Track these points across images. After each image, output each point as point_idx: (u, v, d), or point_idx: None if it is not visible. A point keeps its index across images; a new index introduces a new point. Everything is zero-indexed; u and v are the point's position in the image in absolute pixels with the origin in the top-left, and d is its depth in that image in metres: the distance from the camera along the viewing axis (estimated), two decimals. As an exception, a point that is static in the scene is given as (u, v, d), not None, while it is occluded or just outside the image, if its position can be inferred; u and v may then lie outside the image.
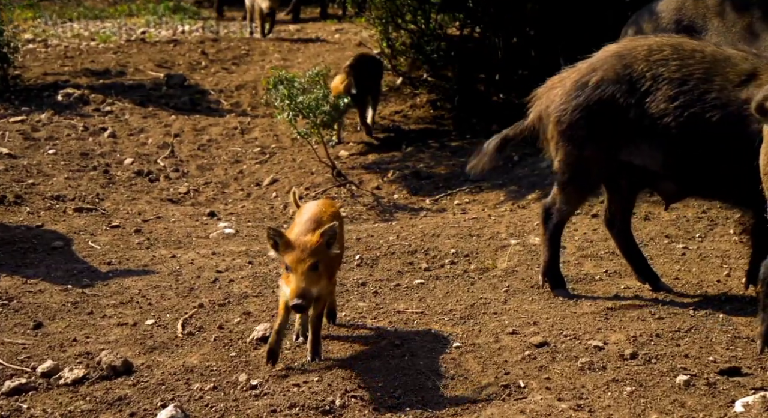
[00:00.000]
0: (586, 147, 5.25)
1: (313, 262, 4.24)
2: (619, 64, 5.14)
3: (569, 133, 5.29)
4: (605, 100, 5.13)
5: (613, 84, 5.13)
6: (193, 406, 4.13)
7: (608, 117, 5.15)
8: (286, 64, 11.33)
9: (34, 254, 6.20)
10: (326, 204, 4.83)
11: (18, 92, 10.03)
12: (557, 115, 5.32)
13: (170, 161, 8.69)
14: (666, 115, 5.01)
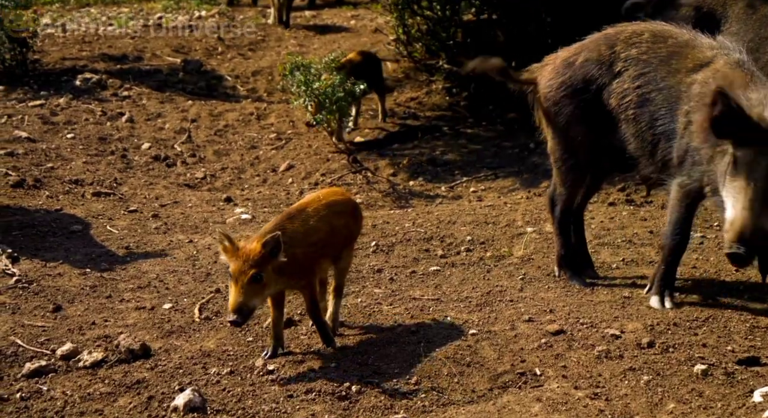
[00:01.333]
0: (571, 126, 5.29)
1: (253, 274, 4.16)
2: (604, 45, 5.20)
3: (555, 111, 5.34)
4: (588, 79, 5.20)
5: (595, 63, 5.19)
6: (210, 390, 4.16)
7: (590, 96, 5.19)
8: (302, 50, 11.32)
9: (53, 237, 6.24)
10: (327, 193, 4.79)
11: (37, 77, 10.06)
12: (545, 92, 5.39)
13: (187, 146, 8.71)
14: (627, 94, 5.06)
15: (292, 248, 4.31)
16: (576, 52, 5.32)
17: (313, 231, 4.48)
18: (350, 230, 4.75)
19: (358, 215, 4.86)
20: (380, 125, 9.34)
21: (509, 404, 4.00)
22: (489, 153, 8.64)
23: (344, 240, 4.70)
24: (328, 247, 4.57)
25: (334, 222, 4.59)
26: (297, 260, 4.34)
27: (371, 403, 4.04)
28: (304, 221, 4.49)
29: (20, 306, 5.06)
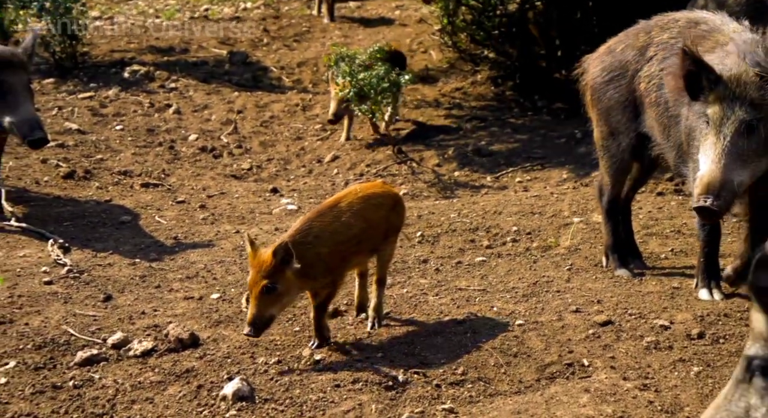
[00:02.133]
0: (611, 113, 5.28)
1: (264, 285, 4.15)
2: (643, 32, 5.18)
3: (596, 98, 5.36)
4: (625, 65, 5.20)
5: (632, 49, 5.18)
6: (258, 379, 4.19)
7: (626, 82, 5.16)
8: (347, 41, 11.34)
9: (103, 228, 6.33)
10: (366, 186, 4.76)
11: (86, 69, 10.19)
12: (588, 79, 5.43)
13: (233, 138, 8.77)
14: (653, 78, 5.04)
15: (317, 248, 4.30)
16: (620, 39, 5.33)
17: (345, 228, 4.44)
18: (391, 223, 4.70)
19: (400, 208, 4.80)
20: (426, 116, 9.33)
21: (557, 395, 3.98)
22: (535, 143, 8.60)
23: (384, 233, 4.66)
24: (364, 242, 4.53)
25: (371, 216, 4.55)
26: (322, 260, 4.32)
27: (418, 393, 4.05)
28: (335, 218, 4.45)
29: (72, 296, 5.14)
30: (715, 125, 4.40)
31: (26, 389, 4.11)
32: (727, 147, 4.34)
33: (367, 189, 4.69)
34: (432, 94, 9.83)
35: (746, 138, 4.36)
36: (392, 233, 4.75)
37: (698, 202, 4.31)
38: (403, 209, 4.86)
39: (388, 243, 4.72)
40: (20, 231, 6.15)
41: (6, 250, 5.83)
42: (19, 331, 4.66)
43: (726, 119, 4.38)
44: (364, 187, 4.75)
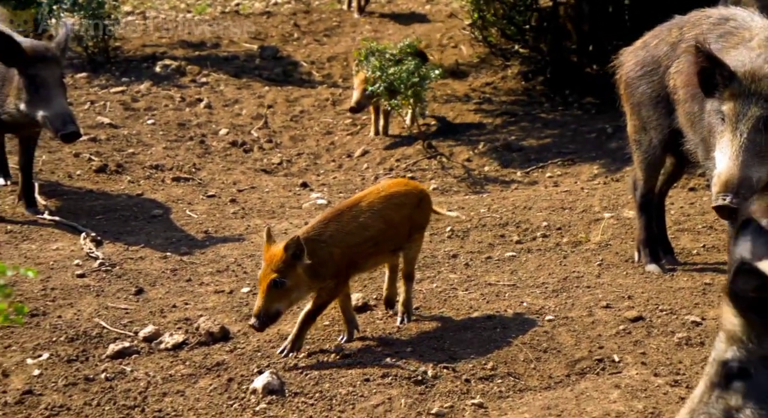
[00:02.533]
0: (643, 108, 5.26)
1: (272, 279, 4.15)
2: (676, 27, 5.15)
3: (629, 92, 5.34)
4: (657, 60, 5.18)
5: (665, 44, 5.15)
6: (288, 373, 4.21)
7: (658, 78, 5.14)
8: (377, 35, 11.33)
9: (134, 221, 6.37)
10: (389, 185, 4.72)
11: (118, 63, 10.25)
12: (622, 73, 5.41)
13: (264, 132, 8.80)
14: (681, 73, 5.00)
15: (330, 247, 4.29)
16: (654, 33, 5.30)
17: (362, 229, 4.42)
18: (414, 222, 4.67)
19: (425, 205, 4.76)
20: (456, 110, 9.31)
21: (587, 391, 3.97)
22: (566, 138, 8.56)
23: (408, 232, 4.63)
24: (382, 243, 4.51)
25: (392, 217, 4.52)
26: (333, 260, 4.31)
27: (447, 388, 4.06)
28: (353, 218, 4.43)
29: (104, 289, 5.18)
30: (731, 122, 4.35)
31: (59, 381, 4.16)
32: (744, 144, 4.29)
33: (389, 188, 4.66)
34: (462, 89, 9.81)
35: (763, 134, 4.31)
36: (417, 231, 4.71)
37: (717, 200, 4.27)
38: (428, 205, 4.81)
39: (413, 241, 4.70)
40: (53, 224, 6.21)
41: (39, 243, 5.89)
42: (52, 323, 4.72)
43: (742, 116, 4.33)
44: (386, 185, 4.72)
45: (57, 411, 3.94)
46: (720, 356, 2.63)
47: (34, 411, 3.94)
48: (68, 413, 3.93)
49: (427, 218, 4.85)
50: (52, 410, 3.94)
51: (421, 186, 4.99)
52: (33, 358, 4.37)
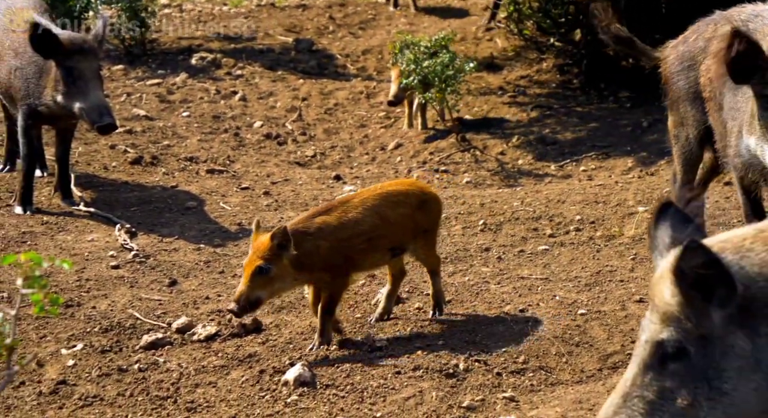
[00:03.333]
0: (680, 103, 5.23)
1: (258, 265, 4.15)
2: (712, 23, 5.11)
3: (669, 87, 5.32)
4: (694, 55, 5.13)
5: (702, 40, 5.09)
6: (319, 365, 4.23)
7: (695, 74, 5.11)
8: (412, 28, 11.31)
9: (169, 213, 6.42)
10: (391, 183, 4.68)
11: (155, 56, 10.32)
12: (665, 67, 5.37)
13: (298, 125, 8.82)
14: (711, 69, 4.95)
15: (317, 240, 4.27)
16: (694, 29, 5.25)
17: (352, 224, 4.38)
18: (417, 223, 4.56)
19: (430, 207, 4.64)
20: (490, 103, 9.28)
21: (618, 386, 3.95)
22: (601, 131, 8.50)
23: (409, 232, 4.54)
24: (376, 240, 4.44)
25: (387, 214, 4.45)
26: (320, 254, 4.29)
27: (479, 381, 4.05)
28: (343, 213, 4.39)
29: (138, 280, 5.23)
30: None
31: (93, 372, 4.21)
32: None
33: (388, 186, 4.62)
34: (497, 82, 9.77)
35: None
36: (421, 233, 4.60)
37: None
38: (434, 208, 4.67)
39: (419, 243, 4.59)
40: (89, 216, 6.28)
41: (75, 234, 5.95)
42: (87, 314, 4.77)
43: None
44: (387, 184, 4.70)
45: (90, 401, 3.99)
46: (654, 337, 2.60)
47: (68, 401, 3.99)
48: (101, 403, 3.98)
49: (434, 222, 4.70)
50: (85, 401, 3.99)
51: (429, 189, 4.88)
52: (67, 348, 4.42)
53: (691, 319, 2.55)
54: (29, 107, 6.20)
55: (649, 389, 2.60)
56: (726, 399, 2.55)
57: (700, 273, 2.48)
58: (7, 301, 4.86)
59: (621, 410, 2.62)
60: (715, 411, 2.55)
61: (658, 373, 2.60)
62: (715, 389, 2.54)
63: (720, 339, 2.54)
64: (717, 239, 2.68)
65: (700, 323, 2.55)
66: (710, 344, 2.54)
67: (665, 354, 2.58)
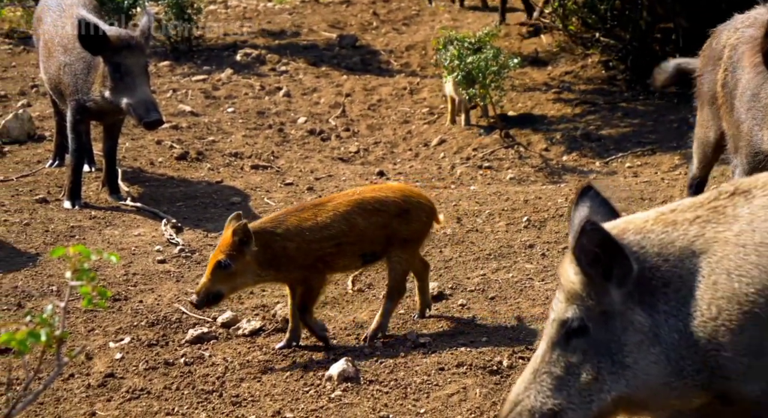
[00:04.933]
0: (704, 105, 5.28)
1: (218, 260, 4.15)
2: (733, 28, 5.06)
3: (697, 87, 5.37)
4: (717, 56, 5.10)
5: (721, 45, 5.07)
6: (363, 360, 4.24)
7: (716, 77, 5.07)
8: (456, 24, 11.29)
9: (214, 208, 6.47)
10: (371, 188, 4.59)
11: (200, 52, 10.40)
12: (698, 71, 5.42)
13: (341, 121, 8.85)
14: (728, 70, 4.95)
15: (284, 241, 4.23)
16: (718, 31, 5.26)
17: (320, 228, 4.32)
18: (394, 231, 4.41)
19: (411, 216, 4.45)
20: (534, 99, 9.24)
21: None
22: (647, 128, 8.43)
23: (384, 240, 4.42)
24: (347, 245, 4.35)
25: (357, 221, 4.36)
26: (288, 254, 4.25)
27: (522, 379, 4.04)
28: (312, 215, 4.34)
29: (183, 275, 5.28)
30: None
31: (140, 365, 4.26)
32: None
33: (369, 192, 4.51)
34: (541, 78, 9.72)
35: None
36: (399, 242, 4.45)
37: None
38: (417, 217, 4.48)
39: (395, 252, 4.45)
40: (135, 211, 6.35)
41: (122, 229, 6.02)
42: (134, 308, 4.83)
43: None
44: (369, 189, 4.60)
45: (137, 394, 4.03)
46: (560, 316, 2.75)
47: (116, 394, 4.04)
48: (148, 396, 4.02)
49: (416, 232, 4.50)
50: (132, 394, 4.03)
51: (415, 197, 4.57)
52: (115, 342, 4.48)
53: (592, 296, 2.70)
54: (78, 103, 6.28)
55: (557, 365, 2.75)
56: (628, 372, 2.69)
57: (597, 252, 2.63)
58: (57, 294, 4.93)
59: (531, 386, 2.78)
60: (618, 384, 2.70)
61: (563, 349, 2.74)
62: (617, 363, 2.69)
63: (620, 315, 2.69)
64: (622, 220, 2.84)
65: (600, 301, 2.69)
66: (611, 320, 2.69)
67: (569, 331, 2.72)
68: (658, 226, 2.76)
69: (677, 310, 2.68)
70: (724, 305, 2.63)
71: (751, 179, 2.81)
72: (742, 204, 2.72)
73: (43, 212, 6.22)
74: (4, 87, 8.83)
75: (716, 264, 2.66)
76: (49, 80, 6.62)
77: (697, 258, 2.68)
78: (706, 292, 2.66)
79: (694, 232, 2.71)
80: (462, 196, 6.70)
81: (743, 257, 2.64)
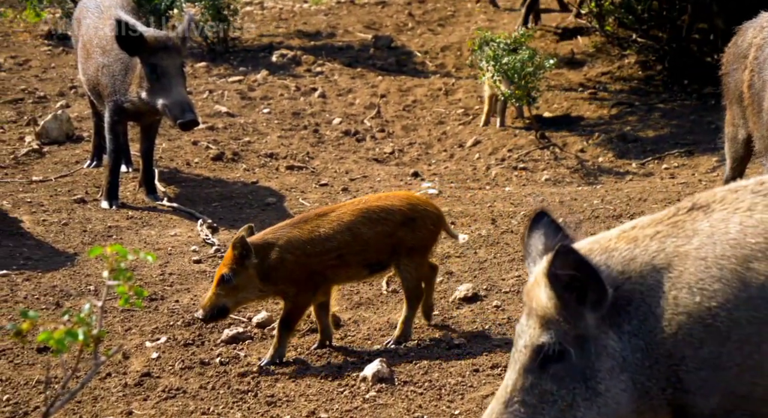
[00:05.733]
0: (732, 104, 5.26)
1: (222, 274, 4.13)
2: (758, 26, 5.02)
3: (723, 85, 5.39)
4: (742, 55, 5.04)
5: (747, 43, 5.02)
6: (397, 361, 4.24)
7: (741, 76, 5.03)
8: (492, 25, 11.26)
9: (249, 209, 6.50)
10: (376, 197, 4.53)
11: (236, 53, 10.46)
12: (722, 67, 5.44)
13: (376, 122, 8.85)
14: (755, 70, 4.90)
15: (283, 253, 4.19)
16: (743, 30, 5.23)
17: (322, 240, 4.28)
18: (400, 240, 4.38)
19: (417, 225, 4.42)
20: (570, 100, 9.19)
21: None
22: (684, 129, 8.36)
23: (389, 249, 4.38)
24: (350, 255, 4.32)
25: (362, 231, 4.32)
26: (286, 267, 4.21)
27: (557, 381, 4.02)
28: (315, 228, 4.29)
29: (219, 275, 5.30)
30: None
31: (176, 365, 4.29)
32: None
33: (374, 201, 4.46)
34: (577, 79, 9.67)
35: None
36: (405, 251, 4.41)
37: None
38: (423, 226, 4.44)
39: (402, 260, 4.41)
40: (172, 211, 6.39)
41: (159, 229, 6.07)
42: (170, 308, 4.86)
43: None
44: (375, 197, 4.55)
45: (174, 394, 4.06)
46: (533, 341, 2.67)
47: (152, 393, 4.07)
48: (184, 395, 4.05)
49: (423, 240, 4.46)
50: (169, 393, 4.06)
51: (421, 205, 4.53)
52: (151, 341, 4.51)
53: (567, 320, 2.63)
54: (115, 104, 6.34)
55: (531, 394, 2.66)
56: (600, 399, 2.64)
57: (572, 276, 2.58)
58: (94, 293, 4.98)
59: (503, 417, 2.67)
60: (591, 412, 2.64)
61: (538, 377, 2.66)
62: (591, 389, 2.63)
63: (594, 340, 2.63)
64: (588, 240, 2.80)
65: (575, 324, 2.63)
66: (586, 345, 2.63)
67: (546, 357, 2.64)
68: (621, 243, 2.72)
69: (638, 328, 2.63)
70: (684, 320, 2.61)
71: (709, 194, 2.78)
72: (701, 218, 2.69)
73: (81, 212, 6.28)
74: (43, 88, 8.93)
75: (677, 279, 2.63)
76: (87, 81, 6.69)
77: (658, 273, 2.64)
78: (667, 308, 2.62)
79: (654, 247, 2.67)
80: (497, 197, 6.68)
81: (704, 270, 2.61)
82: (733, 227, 2.64)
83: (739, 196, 2.73)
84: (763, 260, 2.60)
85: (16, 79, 9.13)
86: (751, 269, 2.59)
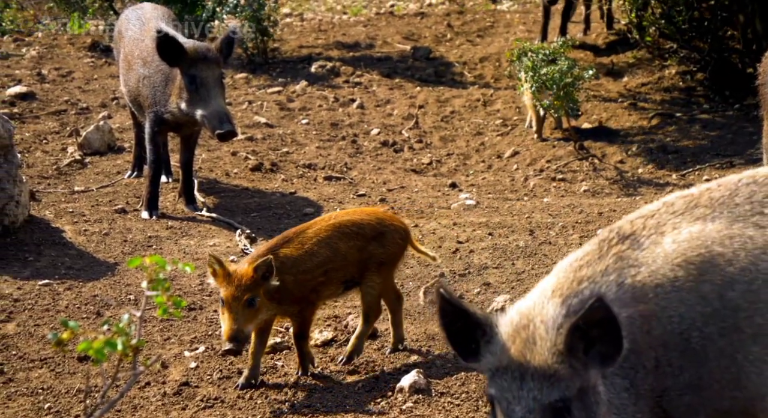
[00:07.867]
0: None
1: (247, 298, 4.02)
2: None
3: (760, 95, 5.38)
4: None
5: None
6: (434, 372, 4.24)
7: None
8: (531, 36, 11.23)
9: (287, 219, 6.53)
10: (346, 213, 4.56)
11: (276, 64, 10.53)
12: (761, 77, 5.42)
13: (414, 132, 8.86)
14: None
15: (283, 274, 4.15)
16: None
17: (309, 256, 4.27)
18: (371, 254, 4.39)
19: (389, 239, 4.44)
20: (610, 111, 9.14)
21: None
22: (725, 140, 8.29)
23: (362, 264, 4.39)
24: (331, 272, 4.32)
25: (339, 245, 4.32)
26: (287, 287, 4.17)
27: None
28: (300, 245, 4.28)
29: (257, 284, 5.33)
30: None
31: (214, 374, 4.32)
32: None
33: (342, 216, 4.48)
34: (617, 89, 9.62)
35: None
36: (374, 266, 4.42)
37: None
38: (392, 240, 4.47)
39: (370, 276, 4.42)
40: (211, 221, 6.44)
41: (198, 239, 6.11)
42: (208, 317, 4.90)
43: None
44: (341, 213, 4.56)
45: (212, 403, 4.09)
46: (546, 399, 2.52)
47: (191, 402, 4.10)
48: (222, 405, 4.08)
49: (392, 255, 4.48)
50: (207, 402, 4.09)
51: (389, 220, 4.57)
52: (190, 351, 4.54)
53: (578, 373, 2.55)
54: (156, 115, 6.40)
55: None
56: None
57: (589, 330, 2.50)
58: (134, 303, 5.03)
59: None
60: None
61: None
62: None
63: (593, 389, 2.59)
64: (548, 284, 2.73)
65: (582, 376, 2.56)
66: (585, 396, 2.57)
67: (558, 414, 2.53)
68: (583, 285, 2.66)
69: (620, 367, 2.60)
70: (661, 352, 2.60)
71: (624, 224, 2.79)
72: (636, 247, 2.68)
73: (121, 222, 6.35)
74: (86, 99, 9.05)
75: (644, 310, 2.60)
76: (128, 92, 6.76)
77: (626, 309, 2.61)
78: (643, 343, 2.60)
79: (614, 282, 2.65)
80: (535, 208, 6.65)
81: (664, 297, 2.60)
82: (670, 247, 2.66)
83: (659, 219, 2.76)
84: (712, 270, 2.62)
85: (59, 90, 9.26)
86: (704, 282, 2.62)
